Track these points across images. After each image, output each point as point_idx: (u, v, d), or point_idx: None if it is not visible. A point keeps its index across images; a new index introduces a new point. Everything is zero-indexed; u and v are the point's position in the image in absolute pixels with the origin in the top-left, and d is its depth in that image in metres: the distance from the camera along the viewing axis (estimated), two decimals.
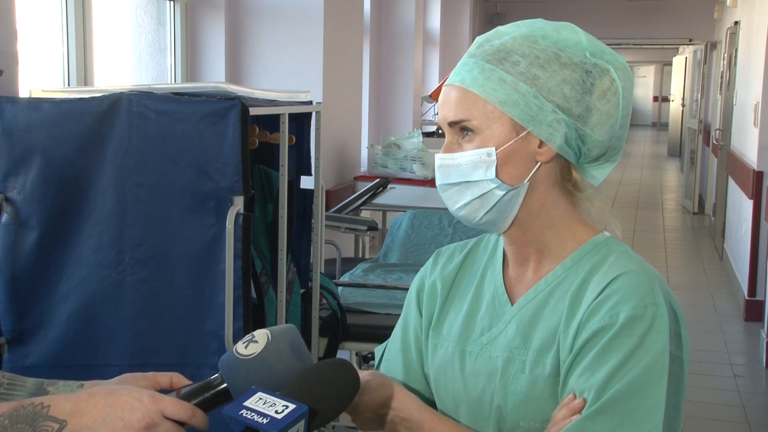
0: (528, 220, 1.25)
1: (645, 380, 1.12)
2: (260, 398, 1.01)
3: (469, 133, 1.21)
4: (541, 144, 1.21)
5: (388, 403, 1.23)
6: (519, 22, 1.27)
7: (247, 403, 1.00)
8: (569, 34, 1.23)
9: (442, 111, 1.25)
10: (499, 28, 1.27)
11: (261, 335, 1.09)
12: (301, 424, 1.01)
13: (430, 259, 1.42)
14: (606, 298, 1.17)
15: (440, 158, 1.24)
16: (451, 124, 1.23)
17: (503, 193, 1.21)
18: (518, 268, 1.31)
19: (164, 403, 1.01)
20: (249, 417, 0.99)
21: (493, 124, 1.20)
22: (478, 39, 1.27)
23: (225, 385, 1.08)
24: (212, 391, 1.08)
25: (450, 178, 1.23)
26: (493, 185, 1.20)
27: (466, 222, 1.26)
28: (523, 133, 1.20)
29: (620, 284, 1.17)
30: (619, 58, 1.24)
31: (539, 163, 1.22)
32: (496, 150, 1.19)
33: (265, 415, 0.99)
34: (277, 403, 1.00)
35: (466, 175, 1.21)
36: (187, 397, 1.06)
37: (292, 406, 1.00)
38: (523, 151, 1.21)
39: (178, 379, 1.15)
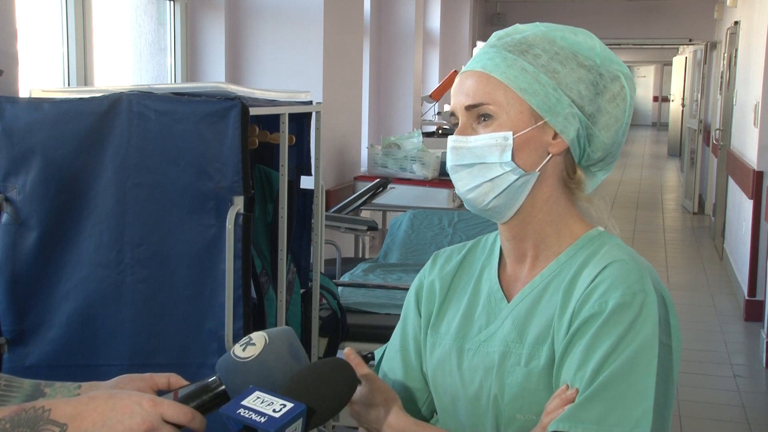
0: (531, 212, 1.27)
1: (634, 365, 1.13)
2: (258, 397, 1.01)
3: (487, 117, 1.24)
4: (555, 136, 1.24)
5: (382, 416, 1.26)
6: (536, 23, 1.31)
7: (244, 402, 1.01)
8: (585, 38, 1.27)
9: (458, 96, 1.27)
10: (518, 25, 1.30)
11: (258, 338, 1.09)
12: (299, 423, 1.01)
13: (429, 261, 1.45)
14: (596, 287, 1.19)
15: (454, 140, 1.26)
16: (468, 108, 1.25)
17: (516, 177, 1.23)
18: (516, 265, 1.32)
19: (164, 407, 1.02)
20: (247, 416, 0.99)
21: (512, 110, 1.23)
22: (497, 33, 1.30)
23: (223, 387, 1.08)
24: (210, 394, 1.08)
25: (463, 159, 1.25)
26: (508, 168, 1.23)
27: (472, 206, 1.27)
28: (540, 122, 1.23)
29: (610, 273, 1.20)
30: (626, 69, 1.29)
31: (551, 155, 1.25)
32: (513, 135, 1.22)
33: (262, 414, 0.99)
34: (274, 402, 1.01)
35: (480, 157, 1.24)
36: (185, 400, 1.07)
37: (289, 405, 1.00)
38: (537, 139, 1.24)
39: (176, 379, 1.15)
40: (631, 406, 1.12)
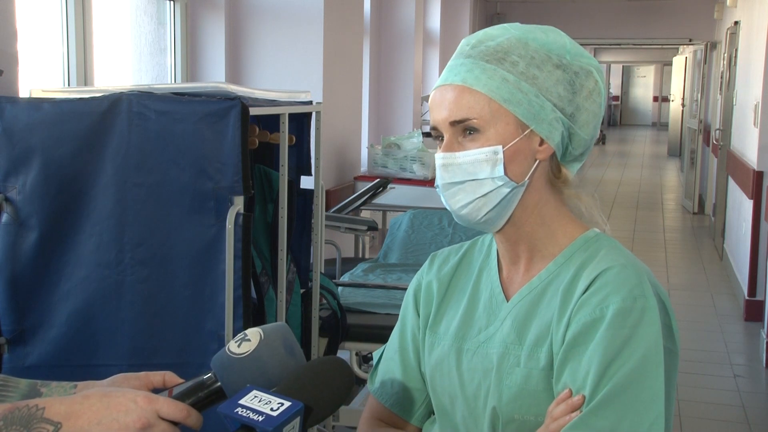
0: (522, 217, 1.27)
1: (643, 371, 1.13)
2: (255, 396, 1.01)
3: (472, 132, 1.22)
4: (541, 142, 1.24)
5: None
6: (504, 24, 1.29)
7: (242, 401, 1.01)
8: (556, 37, 1.27)
9: (440, 111, 1.24)
10: (487, 30, 1.28)
11: (253, 334, 1.09)
12: (297, 422, 1.01)
13: (426, 262, 1.45)
14: (595, 292, 1.19)
15: (442, 157, 1.24)
16: (453, 124, 1.23)
17: (509, 190, 1.23)
18: (511, 266, 1.33)
19: (159, 404, 1.01)
20: (244, 415, 0.99)
21: (498, 123, 1.21)
22: (468, 41, 1.28)
23: (219, 384, 1.08)
24: (206, 391, 1.08)
25: (455, 177, 1.24)
26: (500, 183, 1.22)
27: (465, 221, 1.27)
28: (527, 132, 1.22)
29: (609, 277, 1.19)
30: (595, 61, 1.29)
31: (538, 161, 1.25)
32: (503, 148, 1.21)
33: (260, 413, 0.99)
34: (272, 401, 1.01)
35: (472, 174, 1.22)
36: (181, 397, 1.07)
37: (287, 404, 1.00)
38: (525, 149, 1.23)
39: (171, 377, 1.15)
40: (644, 411, 1.11)
